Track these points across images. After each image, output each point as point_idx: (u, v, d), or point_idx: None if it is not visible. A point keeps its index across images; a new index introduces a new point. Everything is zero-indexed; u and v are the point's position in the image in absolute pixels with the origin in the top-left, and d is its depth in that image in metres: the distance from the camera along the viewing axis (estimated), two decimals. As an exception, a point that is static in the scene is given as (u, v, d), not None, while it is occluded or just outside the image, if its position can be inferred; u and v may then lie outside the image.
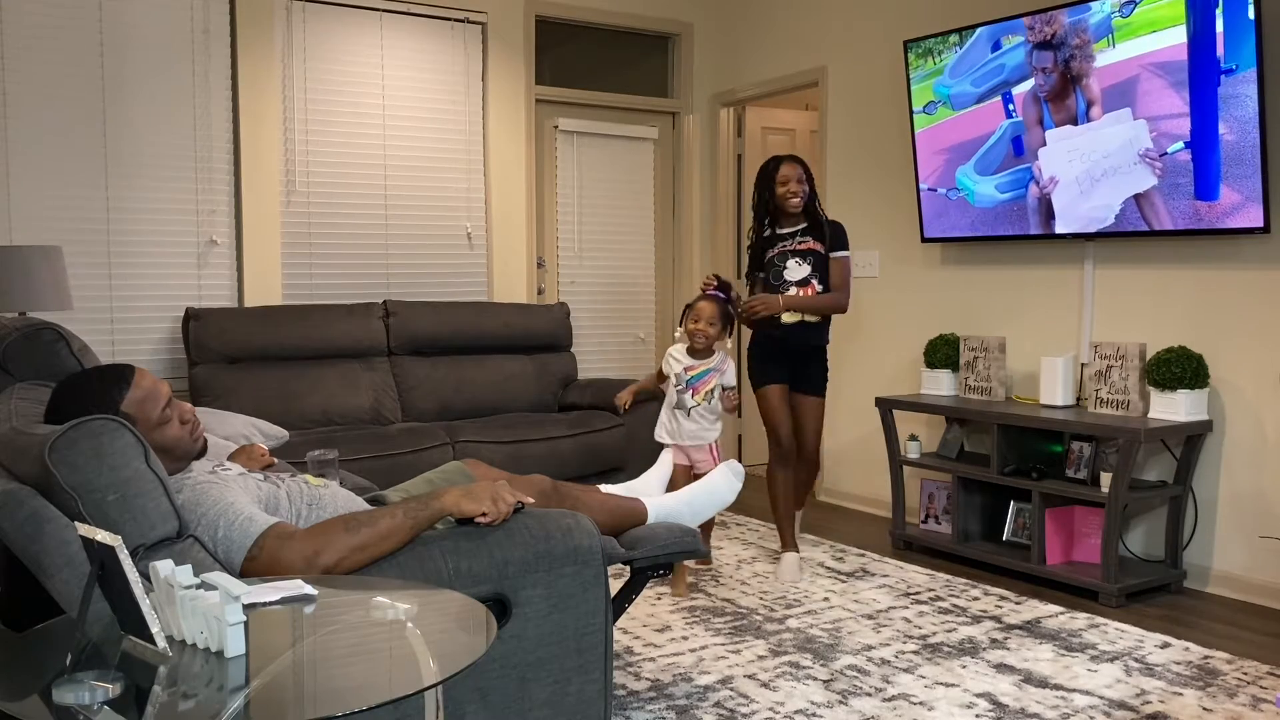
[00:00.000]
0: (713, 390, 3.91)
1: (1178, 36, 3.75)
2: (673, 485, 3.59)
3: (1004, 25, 4.31)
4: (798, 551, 4.16)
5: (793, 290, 4.03)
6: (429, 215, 5.41)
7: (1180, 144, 3.80)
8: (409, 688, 1.40)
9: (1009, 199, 4.42)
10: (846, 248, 4.12)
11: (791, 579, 4.01)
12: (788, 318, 4.04)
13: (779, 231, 4.12)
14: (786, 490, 4.15)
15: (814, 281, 4.04)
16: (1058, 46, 4.14)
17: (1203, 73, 3.71)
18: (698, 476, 3.61)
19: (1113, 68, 3.97)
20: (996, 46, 4.38)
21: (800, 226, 4.10)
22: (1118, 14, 3.92)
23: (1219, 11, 3.62)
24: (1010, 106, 4.38)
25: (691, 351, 3.95)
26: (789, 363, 4.13)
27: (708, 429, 3.94)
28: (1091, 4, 4.00)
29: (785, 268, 4.05)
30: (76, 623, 1.60)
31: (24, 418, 2.15)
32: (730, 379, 3.95)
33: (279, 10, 4.95)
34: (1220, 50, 3.64)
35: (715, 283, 3.97)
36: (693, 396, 3.91)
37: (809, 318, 4.06)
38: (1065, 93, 4.15)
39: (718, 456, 3.95)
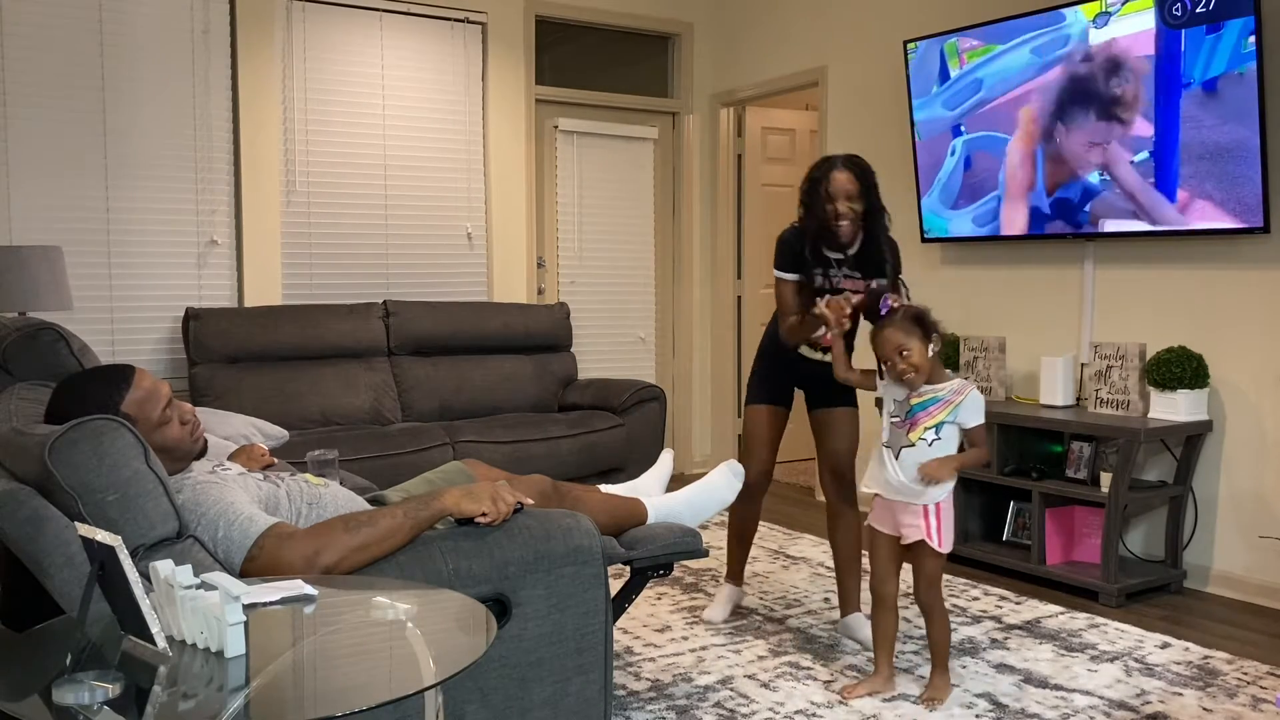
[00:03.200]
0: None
1: (1147, 22, 3.86)
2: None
3: (982, 31, 4.32)
4: (741, 585, 3.64)
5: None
6: (429, 215, 5.41)
7: (1145, 153, 3.92)
8: (409, 688, 1.40)
9: (987, 233, 4.51)
10: (900, 271, 3.26)
11: (717, 614, 3.53)
12: (808, 351, 3.36)
13: (830, 255, 3.22)
14: (745, 523, 3.59)
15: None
16: (1052, 61, 4.18)
17: (1167, 85, 3.83)
18: (906, 549, 2.94)
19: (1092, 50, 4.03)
20: (944, 75, 4.48)
21: (850, 253, 3.25)
22: (1091, 25, 4.02)
23: (1183, 33, 3.75)
24: (960, 126, 4.46)
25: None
26: (795, 381, 3.47)
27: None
28: (1065, 14, 4.10)
29: None
30: (76, 623, 1.60)
31: (24, 418, 2.15)
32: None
33: (279, 10, 4.95)
34: (1182, 65, 3.77)
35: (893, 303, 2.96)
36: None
37: (827, 357, 3.25)
38: (1067, 103, 4.20)
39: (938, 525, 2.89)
